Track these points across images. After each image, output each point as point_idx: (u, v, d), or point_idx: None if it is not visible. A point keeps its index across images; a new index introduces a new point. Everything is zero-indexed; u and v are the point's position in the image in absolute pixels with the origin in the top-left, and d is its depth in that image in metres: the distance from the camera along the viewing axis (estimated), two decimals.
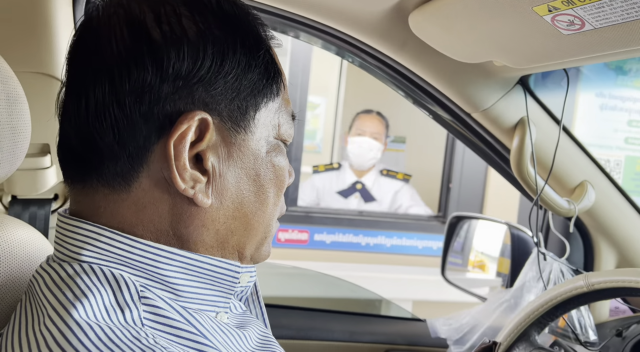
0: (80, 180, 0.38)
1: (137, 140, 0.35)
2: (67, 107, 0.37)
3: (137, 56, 0.35)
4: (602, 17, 0.48)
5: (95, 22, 0.37)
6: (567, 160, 0.86)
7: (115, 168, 0.36)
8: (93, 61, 0.36)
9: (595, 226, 0.92)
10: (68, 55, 0.38)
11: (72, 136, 0.36)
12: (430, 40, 0.68)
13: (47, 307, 0.34)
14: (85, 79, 0.36)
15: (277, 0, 0.69)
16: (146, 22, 0.36)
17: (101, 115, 0.35)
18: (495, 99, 0.79)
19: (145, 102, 0.35)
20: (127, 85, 0.35)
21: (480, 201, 2.33)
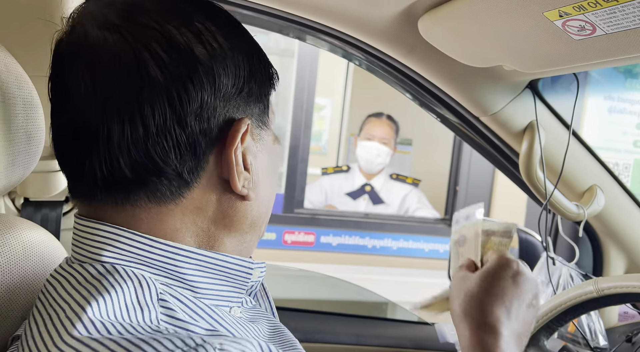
0: (116, 200, 0.37)
1: (197, 155, 0.37)
2: (109, 132, 0.35)
3: (193, 77, 0.36)
4: (614, 22, 0.48)
5: (122, 49, 0.35)
6: (576, 164, 0.85)
7: (171, 184, 0.37)
8: (143, 90, 0.35)
9: (605, 230, 0.91)
10: (87, 88, 0.35)
11: (120, 161, 0.35)
12: (440, 44, 0.68)
13: (65, 307, 0.34)
14: (138, 106, 0.35)
15: (285, 4, 0.69)
16: (190, 43, 0.36)
17: (163, 138, 0.35)
18: (504, 103, 0.79)
19: (205, 118, 0.37)
20: (188, 106, 0.36)
21: (487, 204, 2.32)
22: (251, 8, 0.71)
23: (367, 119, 2.37)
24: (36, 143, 0.47)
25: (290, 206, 2.26)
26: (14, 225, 0.52)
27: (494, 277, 0.50)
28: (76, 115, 0.36)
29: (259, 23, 0.78)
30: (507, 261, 0.51)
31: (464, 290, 0.51)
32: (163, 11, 0.37)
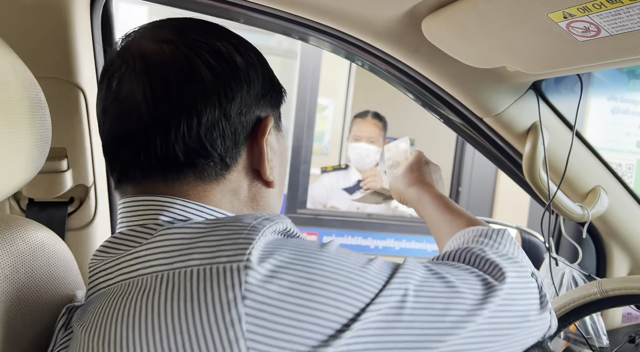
0: (167, 178, 0.44)
1: (237, 144, 0.46)
2: (168, 125, 0.43)
3: (236, 81, 0.45)
4: (619, 24, 0.48)
5: (174, 56, 0.44)
6: (580, 165, 0.85)
7: (216, 166, 0.45)
8: (198, 89, 0.43)
9: (608, 231, 0.91)
10: (145, 89, 0.43)
11: (176, 145, 0.43)
12: (443, 45, 0.68)
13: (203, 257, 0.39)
14: (194, 103, 0.43)
15: (289, 6, 0.69)
16: (233, 54, 0.46)
17: (212, 129, 0.44)
18: (508, 104, 0.79)
19: (244, 114, 0.46)
20: (232, 104, 0.45)
21: (490, 204, 2.31)
22: (255, 9, 0.71)
23: (353, 120, 2.45)
24: (43, 144, 0.48)
25: (293, 206, 2.27)
26: (20, 225, 0.52)
27: (418, 163, 0.79)
28: (136, 113, 0.43)
29: (263, 24, 0.79)
30: (421, 155, 0.81)
31: (404, 178, 0.78)
32: (207, 31, 0.46)
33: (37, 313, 0.50)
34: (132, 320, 0.37)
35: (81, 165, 0.65)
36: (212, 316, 0.35)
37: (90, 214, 0.67)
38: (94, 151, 0.66)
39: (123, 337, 0.37)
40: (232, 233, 0.38)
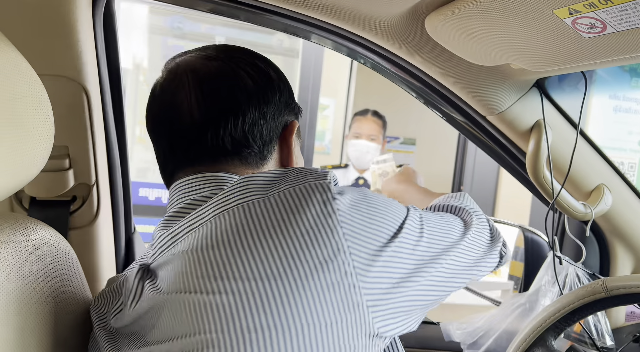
0: (215, 162, 0.54)
1: (272, 139, 0.56)
2: (218, 122, 0.53)
3: (271, 89, 0.56)
4: (625, 20, 0.48)
5: (222, 69, 0.54)
6: (583, 163, 0.85)
7: (256, 156, 0.55)
8: (242, 95, 0.54)
9: (612, 229, 0.91)
10: (197, 95, 0.53)
11: (225, 138, 0.53)
12: (447, 43, 0.68)
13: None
14: (239, 105, 0.54)
15: (291, 3, 0.69)
16: (267, 69, 0.57)
17: (253, 126, 0.54)
18: (511, 102, 0.78)
19: (276, 117, 0.56)
20: (268, 107, 0.56)
21: (492, 203, 2.31)
22: (256, 7, 0.70)
23: (353, 118, 2.44)
24: (46, 142, 0.48)
25: None
26: (23, 224, 0.52)
27: (406, 170, 0.98)
28: (190, 115, 0.53)
29: (264, 22, 0.78)
30: (409, 167, 1.00)
31: (394, 179, 0.96)
32: (244, 51, 0.58)
33: (40, 309, 0.50)
34: (246, 233, 0.44)
35: (83, 163, 0.65)
36: (314, 211, 0.45)
37: (93, 212, 0.67)
38: (96, 149, 0.66)
39: (234, 250, 0.44)
40: (311, 170, 0.49)
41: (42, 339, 0.50)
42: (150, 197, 2.10)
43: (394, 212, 0.50)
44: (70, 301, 0.56)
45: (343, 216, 0.46)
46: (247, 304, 0.42)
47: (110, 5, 0.68)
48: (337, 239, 0.45)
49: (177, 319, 0.44)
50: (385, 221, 0.49)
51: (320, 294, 0.43)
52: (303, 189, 0.46)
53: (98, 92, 0.66)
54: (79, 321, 0.57)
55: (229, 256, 0.43)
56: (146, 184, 2.13)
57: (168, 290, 0.46)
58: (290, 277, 0.43)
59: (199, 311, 0.43)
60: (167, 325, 0.45)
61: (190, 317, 0.43)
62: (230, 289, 0.42)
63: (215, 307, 0.42)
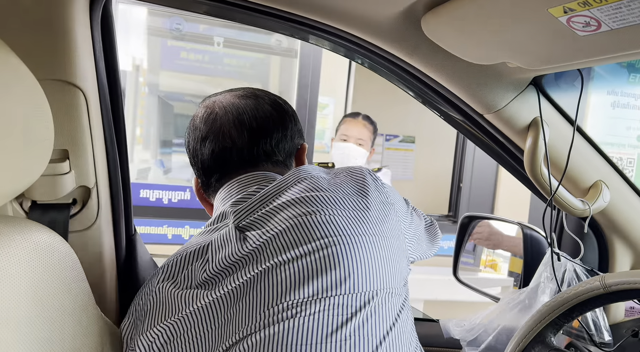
0: (253, 167, 0.72)
1: (291, 154, 0.76)
2: (253, 145, 0.72)
3: (288, 117, 0.76)
4: (619, 17, 0.48)
5: (254, 104, 0.74)
6: (581, 160, 0.85)
7: (281, 164, 0.74)
8: (269, 121, 0.73)
9: (610, 225, 0.91)
10: (235, 122, 0.72)
11: (260, 153, 0.72)
12: (443, 42, 0.68)
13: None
14: (269, 130, 0.73)
15: (288, 5, 0.69)
16: (284, 103, 0.78)
17: (279, 143, 0.74)
18: (508, 100, 0.79)
19: (293, 139, 0.76)
20: (287, 131, 0.75)
21: (491, 200, 2.31)
22: (252, 9, 0.71)
23: (343, 119, 2.24)
24: (45, 146, 0.48)
25: None
26: (24, 227, 0.52)
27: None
28: (232, 138, 0.72)
29: (261, 23, 0.78)
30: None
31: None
32: (265, 92, 0.78)
33: (43, 314, 0.51)
34: (335, 185, 0.66)
35: (83, 167, 0.65)
36: (373, 184, 0.68)
37: (93, 215, 0.67)
38: (95, 153, 0.66)
39: (334, 193, 0.65)
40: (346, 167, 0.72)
41: (44, 340, 0.50)
42: (151, 198, 2.10)
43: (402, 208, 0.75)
44: (73, 302, 0.56)
45: (387, 187, 0.70)
46: (354, 221, 0.62)
47: (108, 8, 0.68)
48: (391, 202, 0.69)
49: (295, 234, 0.59)
50: (401, 198, 0.76)
51: (389, 222, 0.67)
52: (357, 171, 0.69)
53: (97, 95, 0.66)
54: (82, 322, 0.57)
55: (331, 197, 0.63)
56: (147, 185, 2.13)
57: (280, 225, 0.61)
58: (373, 214, 0.64)
59: (316, 225, 0.60)
60: (286, 241, 0.59)
61: (311, 229, 0.59)
62: (339, 213, 0.61)
63: (329, 222, 0.60)
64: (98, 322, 0.61)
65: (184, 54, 2.39)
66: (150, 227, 2.06)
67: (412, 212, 0.78)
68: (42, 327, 0.50)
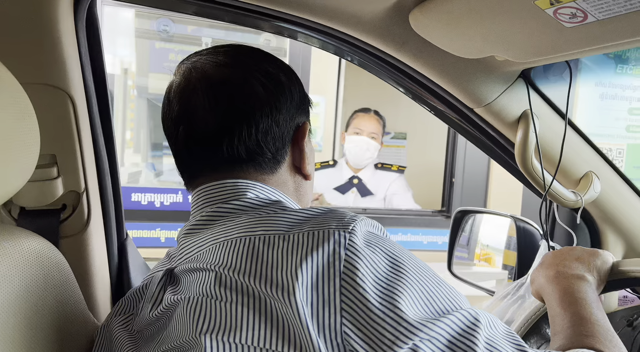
0: (233, 170, 0.56)
1: (284, 145, 0.58)
2: (232, 132, 0.54)
3: (282, 94, 0.57)
4: (605, 8, 0.48)
5: (234, 77, 0.55)
6: (571, 151, 0.85)
7: (270, 162, 0.57)
8: (255, 103, 0.55)
9: (602, 216, 0.92)
10: (211, 102, 0.54)
11: (239, 147, 0.55)
12: (431, 37, 0.68)
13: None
14: (252, 114, 0.54)
15: (276, 3, 0.69)
16: (278, 74, 0.57)
17: (266, 134, 0.55)
18: (498, 93, 0.79)
19: (288, 121, 0.57)
20: (280, 113, 0.56)
21: (483, 194, 2.33)
22: (242, 7, 0.70)
23: (354, 114, 2.37)
24: (31, 152, 0.47)
25: None
26: (13, 234, 0.51)
27: (555, 258, 0.71)
28: (204, 123, 0.54)
29: (250, 22, 0.78)
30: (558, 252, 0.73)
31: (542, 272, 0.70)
32: (256, 56, 0.58)
33: (33, 321, 0.50)
34: (261, 262, 0.46)
35: (72, 171, 0.64)
36: (327, 250, 0.45)
37: (83, 220, 0.67)
38: (84, 157, 0.65)
39: (250, 275, 0.46)
40: (340, 216, 0.49)
41: (34, 347, 0.50)
42: (143, 201, 2.09)
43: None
44: (64, 310, 0.56)
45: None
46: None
47: (93, 10, 0.67)
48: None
49: (183, 320, 0.47)
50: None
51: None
52: (322, 232, 0.46)
53: (84, 99, 0.65)
54: (73, 329, 0.57)
55: (245, 279, 0.45)
56: (138, 189, 2.12)
57: (188, 295, 0.49)
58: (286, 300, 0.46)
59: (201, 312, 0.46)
60: (176, 326, 0.48)
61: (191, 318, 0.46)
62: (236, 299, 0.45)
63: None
64: (90, 327, 0.60)
65: (173, 55, 2.37)
66: (143, 230, 2.04)
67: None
68: (32, 335, 0.49)
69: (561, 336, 0.56)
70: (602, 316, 0.58)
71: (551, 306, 0.62)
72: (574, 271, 0.65)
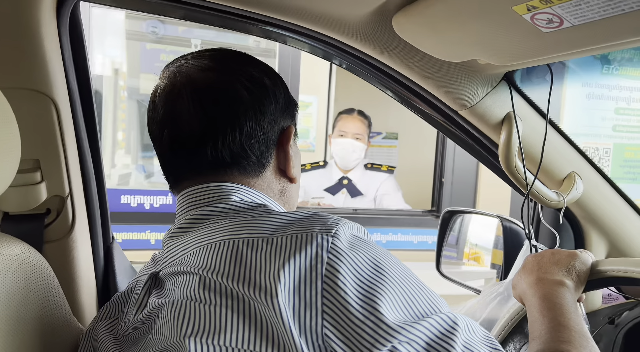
0: (217, 174, 0.56)
1: (269, 148, 0.58)
2: (216, 136, 0.55)
3: (267, 98, 0.57)
4: (580, 14, 0.49)
5: (219, 81, 0.55)
6: (554, 152, 0.87)
7: (254, 165, 0.57)
8: (239, 108, 0.55)
9: (585, 216, 0.93)
10: (195, 106, 0.55)
11: (223, 151, 0.55)
12: (414, 41, 0.69)
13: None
14: (236, 118, 0.55)
15: (256, 6, 0.69)
16: (263, 78, 0.58)
17: (251, 138, 0.56)
18: (481, 96, 0.80)
19: (272, 124, 0.58)
20: (265, 117, 0.57)
21: (472, 194, 2.34)
22: (231, 13, 0.70)
23: (338, 116, 2.39)
24: (12, 156, 0.47)
25: None
26: None
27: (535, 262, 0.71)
28: (189, 127, 0.54)
29: (239, 27, 0.78)
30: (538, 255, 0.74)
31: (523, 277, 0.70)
32: (240, 60, 0.59)
33: (16, 327, 0.50)
34: (244, 265, 0.46)
35: (56, 176, 0.64)
36: (310, 253, 0.45)
37: (68, 224, 0.67)
38: (68, 161, 0.65)
39: (233, 278, 0.46)
40: (323, 219, 0.49)
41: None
42: (133, 203, 2.08)
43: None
44: (47, 315, 0.56)
45: (332, 260, 0.45)
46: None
47: (76, 14, 0.67)
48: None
49: (167, 323, 0.47)
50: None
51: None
52: (305, 235, 0.47)
53: (67, 103, 0.65)
54: (57, 335, 0.57)
55: (228, 282, 0.46)
56: (128, 191, 2.11)
57: (172, 298, 0.49)
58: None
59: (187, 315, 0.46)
60: (160, 330, 0.48)
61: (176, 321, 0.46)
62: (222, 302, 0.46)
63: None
64: (74, 332, 0.60)
65: (164, 56, 2.36)
66: (132, 233, 2.03)
67: None
68: (14, 341, 0.49)
69: (538, 342, 0.57)
70: (578, 321, 0.59)
71: (531, 312, 0.64)
72: (554, 276, 0.66)
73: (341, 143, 2.27)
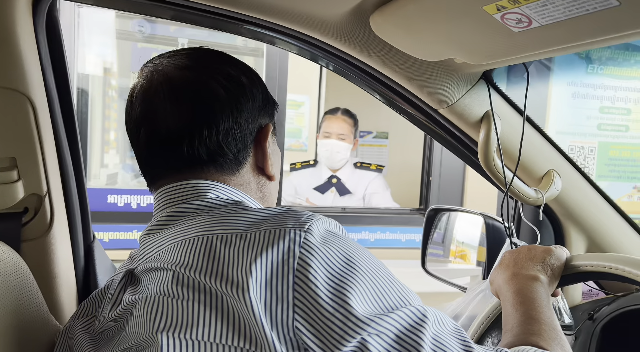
0: (194, 172, 0.56)
1: (246, 145, 0.59)
2: (192, 133, 0.55)
3: (243, 96, 0.58)
4: (547, 14, 0.50)
5: (195, 79, 0.56)
6: (533, 150, 0.88)
7: (231, 163, 0.58)
8: (215, 105, 0.56)
9: (564, 212, 0.95)
10: (172, 104, 0.55)
11: (200, 148, 0.55)
12: (392, 40, 0.70)
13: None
14: (213, 115, 0.55)
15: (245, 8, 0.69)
16: (239, 76, 0.58)
17: (227, 135, 0.56)
18: (460, 94, 0.81)
19: (250, 122, 0.58)
20: (241, 115, 0.57)
21: (460, 192, 2.36)
22: (216, 13, 0.71)
23: (324, 117, 2.39)
24: None
25: None
26: None
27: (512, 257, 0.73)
28: (166, 125, 0.55)
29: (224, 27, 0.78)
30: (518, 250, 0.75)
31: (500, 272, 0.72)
32: (217, 58, 0.59)
33: None
34: (217, 261, 0.46)
35: (33, 174, 0.64)
36: (282, 248, 0.46)
37: (46, 222, 0.67)
38: (45, 159, 0.65)
39: (206, 273, 0.46)
40: (296, 215, 0.50)
41: None
42: (119, 203, 2.07)
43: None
44: (24, 314, 0.56)
45: (303, 255, 0.46)
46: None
47: (53, 13, 0.67)
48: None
49: (140, 319, 0.48)
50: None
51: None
52: (278, 230, 0.47)
53: (45, 101, 0.65)
54: (34, 333, 0.57)
55: (201, 277, 0.46)
56: (114, 191, 2.10)
57: (146, 294, 0.49)
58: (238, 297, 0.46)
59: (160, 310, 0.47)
60: (134, 326, 0.49)
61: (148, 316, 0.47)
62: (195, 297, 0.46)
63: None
64: (51, 331, 0.60)
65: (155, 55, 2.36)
66: (119, 232, 2.03)
67: None
68: None
69: (510, 334, 0.58)
70: (550, 314, 0.61)
71: (505, 306, 0.65)
72: (528, 271, 0.68)
73: (326, 144, 2.28)
